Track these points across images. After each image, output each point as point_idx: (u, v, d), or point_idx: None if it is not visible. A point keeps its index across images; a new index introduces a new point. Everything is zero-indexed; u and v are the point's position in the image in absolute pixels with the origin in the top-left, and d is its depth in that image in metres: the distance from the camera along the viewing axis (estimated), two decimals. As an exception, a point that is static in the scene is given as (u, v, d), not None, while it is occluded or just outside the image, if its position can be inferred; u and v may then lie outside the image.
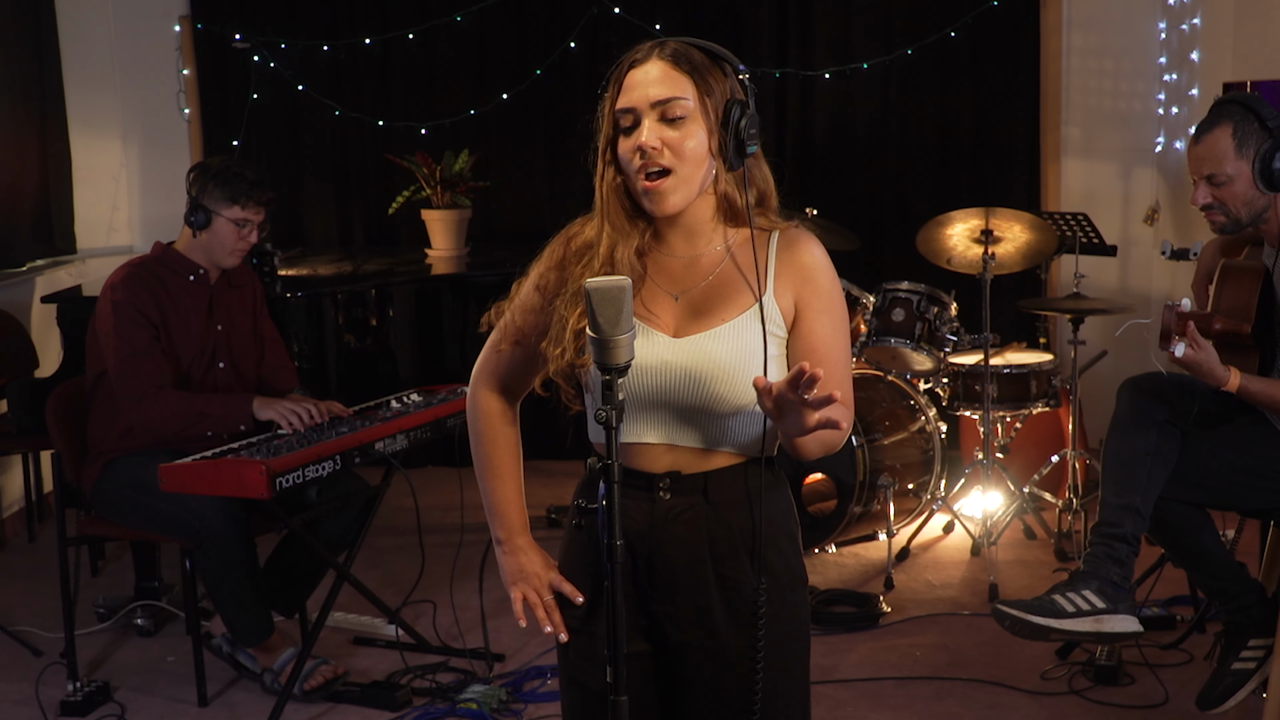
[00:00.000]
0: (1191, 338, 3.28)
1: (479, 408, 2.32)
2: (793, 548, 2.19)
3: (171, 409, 3.90)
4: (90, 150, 6.35)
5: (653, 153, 2.05)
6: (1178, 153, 5.90)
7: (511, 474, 2.32)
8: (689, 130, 2.06)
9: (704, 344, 2.08)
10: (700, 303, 2.11)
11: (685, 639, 2.14)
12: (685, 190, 2.08)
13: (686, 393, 2.08)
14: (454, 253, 6.05)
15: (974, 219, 4.98)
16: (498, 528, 2.31)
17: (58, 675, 4.04)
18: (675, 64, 2.08)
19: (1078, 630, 3.42)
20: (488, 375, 2.31)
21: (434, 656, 4.22)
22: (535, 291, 2.22)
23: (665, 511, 2.11)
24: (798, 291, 2.11)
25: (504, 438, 2.32)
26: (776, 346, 2.10)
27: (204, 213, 4.00)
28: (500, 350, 2.27)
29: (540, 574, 2.25)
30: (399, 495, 4.54)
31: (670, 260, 2.16)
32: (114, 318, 3.92)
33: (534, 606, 2.24)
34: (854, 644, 4.29)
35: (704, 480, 2.12)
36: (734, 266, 2.13)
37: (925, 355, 5.15)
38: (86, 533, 4.14)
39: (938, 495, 5.20)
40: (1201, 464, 3.48)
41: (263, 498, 3.47)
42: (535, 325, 2.21)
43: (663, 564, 2.12)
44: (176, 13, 6.42)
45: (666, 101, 2.06)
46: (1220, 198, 3.45)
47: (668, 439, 2.10)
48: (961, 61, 6.19)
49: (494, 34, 6.42)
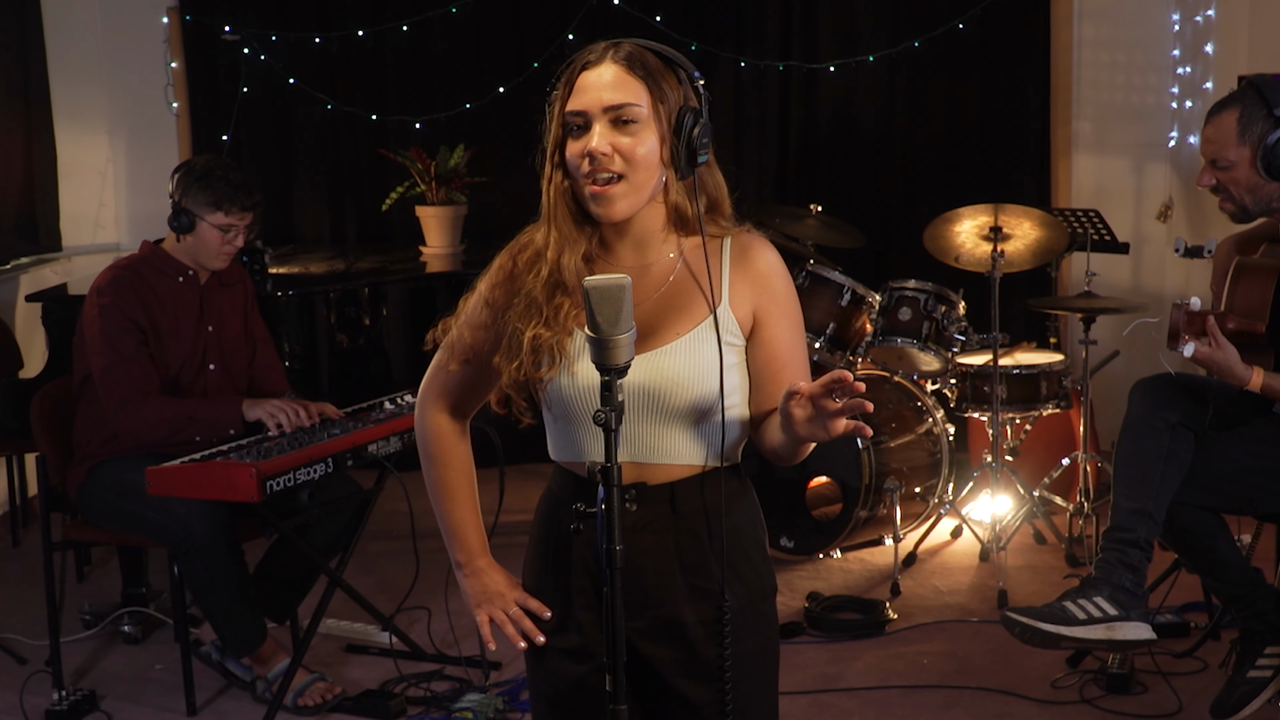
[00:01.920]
0: (1212, 335, 3.28)
1: (428, 429, 2.30)
2: (761, 555, 2.20)
3: (158, 415, 3.89)
4: (76, 145, 6.34)
5: (603, 159, 2.04)
6: (1191, 148, 5.89)
7: (466, 495, 2.31)
8: (641, 137, 2.05)
9: (659, 360, 2.08)
10: (653, 316, 2.11)
11: (657, 653, 2.15)
12: (634, 198, 2.07)
13: (645, 409, 2.08)
14: (449, 250, 6.05)
15: (983, 216, 4.98)
16: (456, 551, 2.31)
17: (43, 684, 4.03)
18: (630, 68, 2.06)
19: (1089, 638, 3.42)
20: (436, 395, 2.29)
21: (429, 664, 4.21)
22: (484, 307, 2.21)
23: (632, 524, 2.10)
24: (755, 299, 2.12)
25: (456, 458, 2.31)
26: (734, 355, 2.11)
27: (187, 216, 3.98)
28: (449, 370, 2.25)
29: (505, 593, 2.26)
30: (392, 499, 4.54)
31: (618, 270, 2.13)
32: (100, 322, 3.91)
33: (502, 625, 2.24)
34: (859, 652, 4.29)
35: (669, 491, 2.12)
36: (687, 276, 2.13)
37: (932, 355, 5.14)
38: (72, 537, 4.14)
39: (945, 499, 5.20)
40: (1216, 467, 3.48)
41: (253, 501, 3.47)
42: (484, 341, 2.20)
43: (631, 576, 2.10)
44: (164, 4, 6.41)
45: (620, 107, 2.05)
46: (1224, 182, 3.47)
47: (630, 455, 2.10)
48: (970, 54, 6.19)
49: (490, 26, 6.43)
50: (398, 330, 5.43)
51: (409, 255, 6.05)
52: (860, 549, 5.16)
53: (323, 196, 6.61)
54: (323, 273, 5.55)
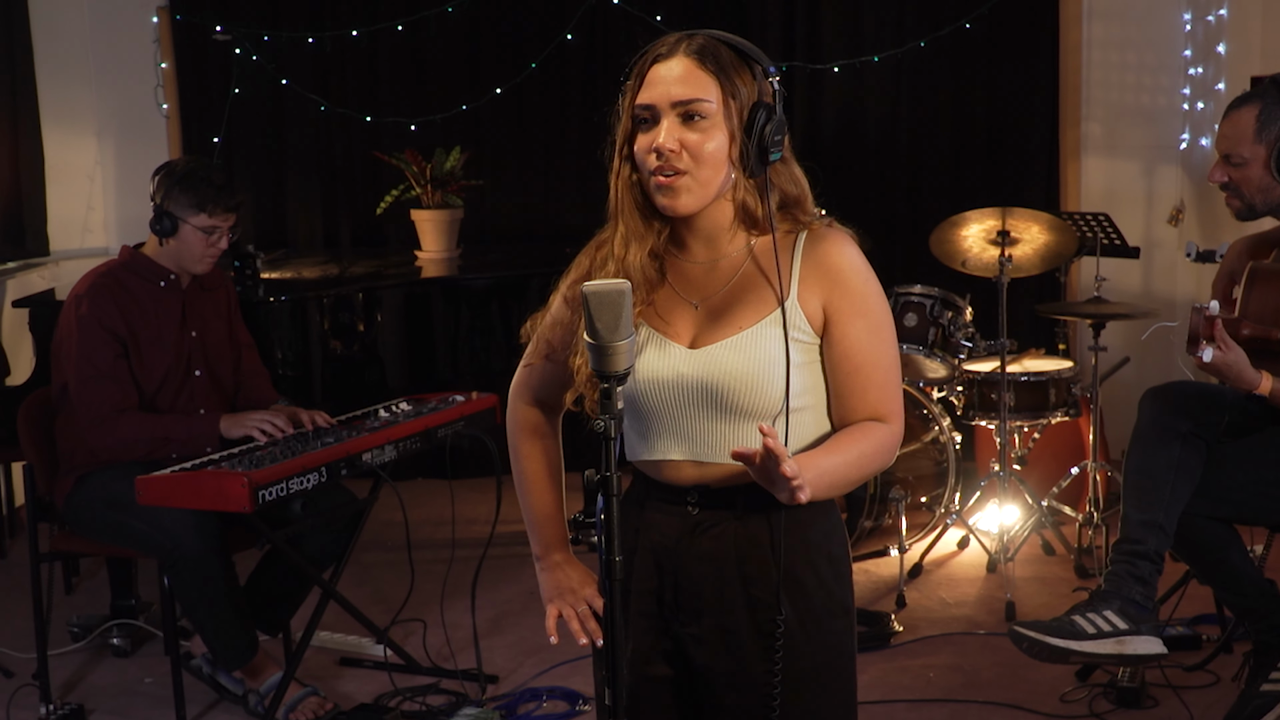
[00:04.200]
0: (1220, 339, 3.29)
1: (513, 421, 2.36)
2: (834, 572, 2.16)
3: (133, 433, 3.88)
4: (64, 147, 6.35)
5: (670, 155, 2.05)
6: (1203, 150, 5.91)
7: (545, 488, 2.34)
8: (709, 133, 2.05)
9: (718, 354, 2.08)
10: (719, 310, 2.11)
11: (710, 663, 2.14)
12: (700, 193, 2.07)
13: (704, 405, 2.08)
14: (445, 255, 6.06)
15: (990, 219, 4.99)
16: (535, 543, 2.35)
17: (30, 698, 4.04)
18: (701, 62, 2.06)
19: (1099, 653, 3.42)
20: (522, 389, 2.35)
21: (424, 678, 4.22)
22: (564, 304, 2.24)
23: (693, 526, 2.11)
24: (826, 295, 2.10)
25: (539, 450, 2.35)
26: (803, 353, 2.09)
27: (169, 220, 3.97)
28: (530, 365, 2.30)
29: (577, 590, 2.28)
30: (387, 509, 4.54)
31: (690, 266, 2.16)
32: (77, 333, 3.90)
33: (568, 620, 2.26)
34: (864, 665, 4.27)
35: (734, 494, 2.11)
36: (756, 270, 2.12)
37: (939, 362, 5.15)
38: (60, 548, 4.15)
39: (952, 509, 5.20)
40: (1227, 477, 3.49)
41: (245, 511, 3.46)
42: (563, 338, 2.23)
43: (689, 582, 2.12)
44: (154, 3, 6.43)
45: (689, 102, 2.05)
46: (1235, 179, 3.48)
47: (691, 454, 2.11)
48: (977, 54, 6.20)
49: (487, 25, 6.44)
50: (392, 336, 5.44)
51: (404, 260, 6.05)
52: (865, 560, 5.16)
53: (316, 200, 6.62)
54: (316, 278, 5.56)
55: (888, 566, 5.07)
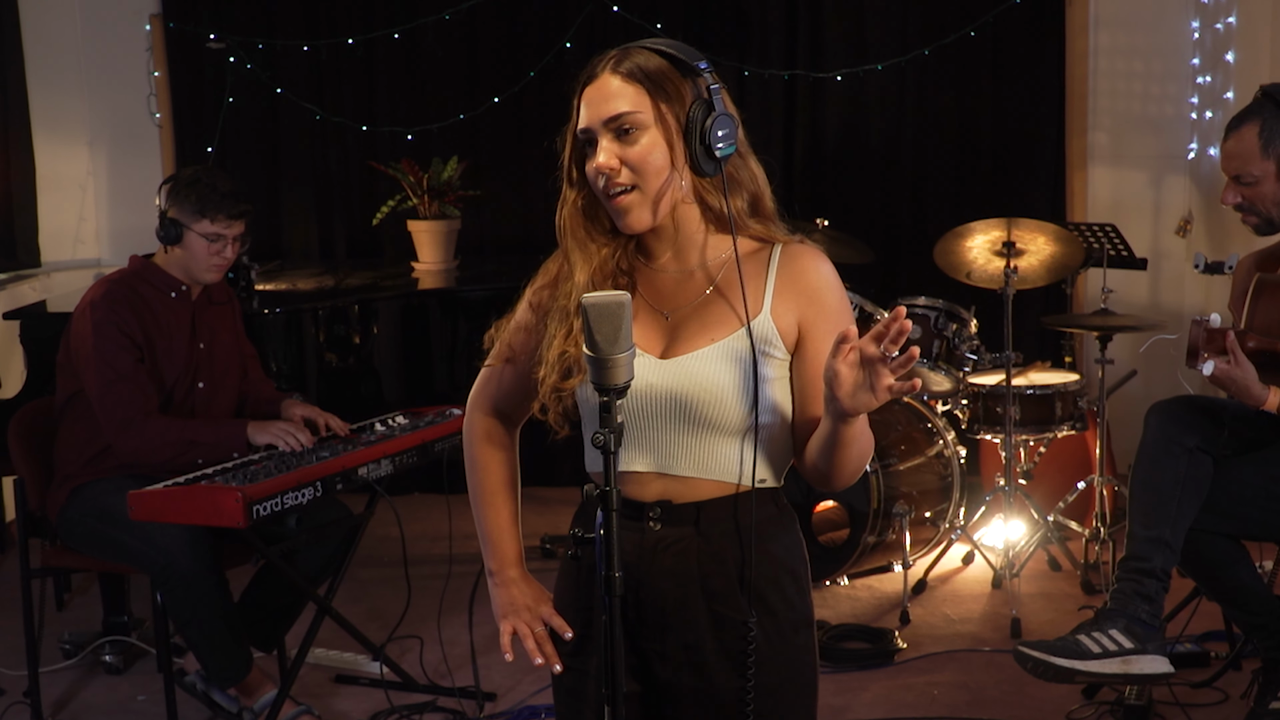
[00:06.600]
0: (1232, 351, 3.30)
1: (470, 430, 2.36)
2: (796, 587, 2.19)
3: (161, 437, 3.89)
4: (55, 157, 6.37)
5: (611, 173, 2.09)
6: (1211, 160, 5.92)
7: (503, 501, 2.35)
8: (644, 144, 2.08)
9: (689, 365, 2.10)
10: (690, 321, 2.14)
11: (674, 679, 2.16)
12: (651, 206, 2.11)
13: (673, 417, 2.10)
14: (442, 266, 6.07)
15: (995, 230, 5.01)
16: (489, 558, 2.34)
17: (21, 715, 4.05)
18: (627, 76, 2.11)
19: (1104, 672, 3.43)
20: (481, 397, 2.35)
21: (421, 696, 4.22)
22: (529, 309, 2.25)
23: (654, 542, 2.13)
24: (801, 312, 2.12)
25: (496, 462, 2.35)
26: (774, 368, 2.12)
27: (174, 227, 3.99)
28: (491, 367, 2.31)
29: (532, 606, 2.29)
30: (384, 524, 4.56)
31: (660, 276, 2.18)
32: (94, 339, 3.90)
33: (523, 639, 2.27)
34: (867, 682, 4.31)
35: (696, 510, 2.13)
36: (729, 283, 2.14)
37: (943, 375, 5.17)
38: (51, 564, 4.15)
39: (956, 524, 5.22)
40: (1235, 492, 3.50)
41: (239, 526, 3.47)
42: (526, 344, 2.24)
43: (651, 598, 2.14)
44: (147, 11, 6.45)
45: (617, 117, 2.09)
46: (1249, 198, 3.50)
47: (657, 466, 2.13)
48: (982, 63, 6.22)
49: (485, 33, 6.46)
50: (389, 349, 5.45)
51: (400, 271, 6.06)
52: (868, 576, 5.18)
53: (311, 210, 6.63)
54: (311, 289, 5.57)
55: (891, 582, 5.08)
